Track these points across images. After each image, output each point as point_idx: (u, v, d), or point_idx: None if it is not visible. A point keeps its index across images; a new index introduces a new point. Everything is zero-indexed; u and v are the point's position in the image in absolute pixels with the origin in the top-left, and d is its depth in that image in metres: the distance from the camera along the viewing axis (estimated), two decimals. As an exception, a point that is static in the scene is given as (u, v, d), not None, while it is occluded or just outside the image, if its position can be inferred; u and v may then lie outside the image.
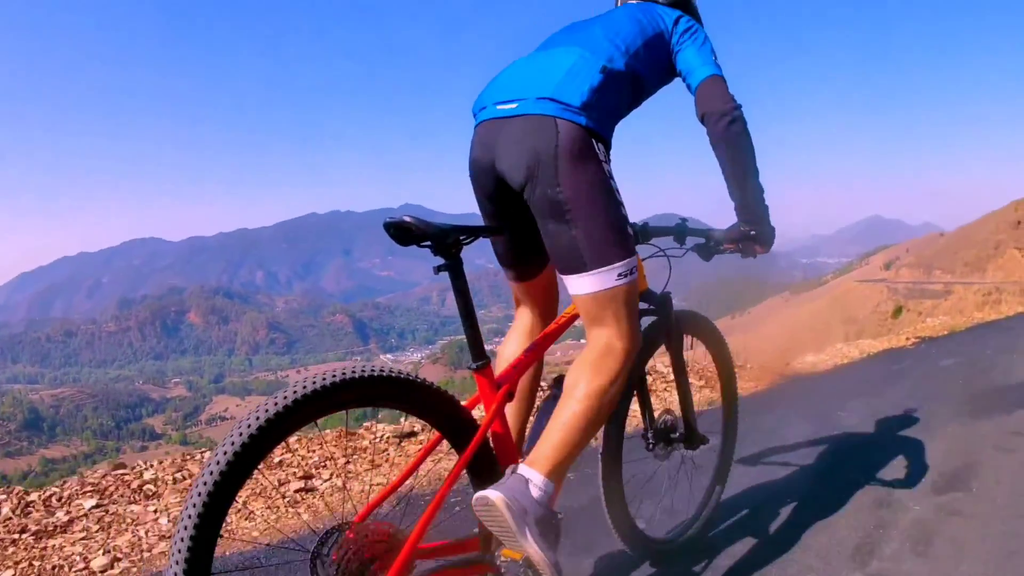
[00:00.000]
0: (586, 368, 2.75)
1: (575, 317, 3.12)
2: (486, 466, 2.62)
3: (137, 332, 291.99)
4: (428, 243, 2.45)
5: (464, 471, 2.57)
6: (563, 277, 2.81)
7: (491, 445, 2.68)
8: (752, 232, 3.08)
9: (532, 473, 2.55)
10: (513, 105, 2.74)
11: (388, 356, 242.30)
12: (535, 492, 2.52)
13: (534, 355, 3.01)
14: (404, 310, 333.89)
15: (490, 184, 2.87)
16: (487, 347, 2.74)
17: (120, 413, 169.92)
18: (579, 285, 2.74)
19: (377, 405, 2.34)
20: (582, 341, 2.96)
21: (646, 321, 3.33)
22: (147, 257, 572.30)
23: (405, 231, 2.41)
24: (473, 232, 2.60)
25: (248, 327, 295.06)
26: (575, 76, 2.71)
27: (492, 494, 2.43)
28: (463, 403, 2.60)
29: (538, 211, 2.72)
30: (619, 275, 2.71)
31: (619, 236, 2.72)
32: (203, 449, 5.87)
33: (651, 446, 3.52)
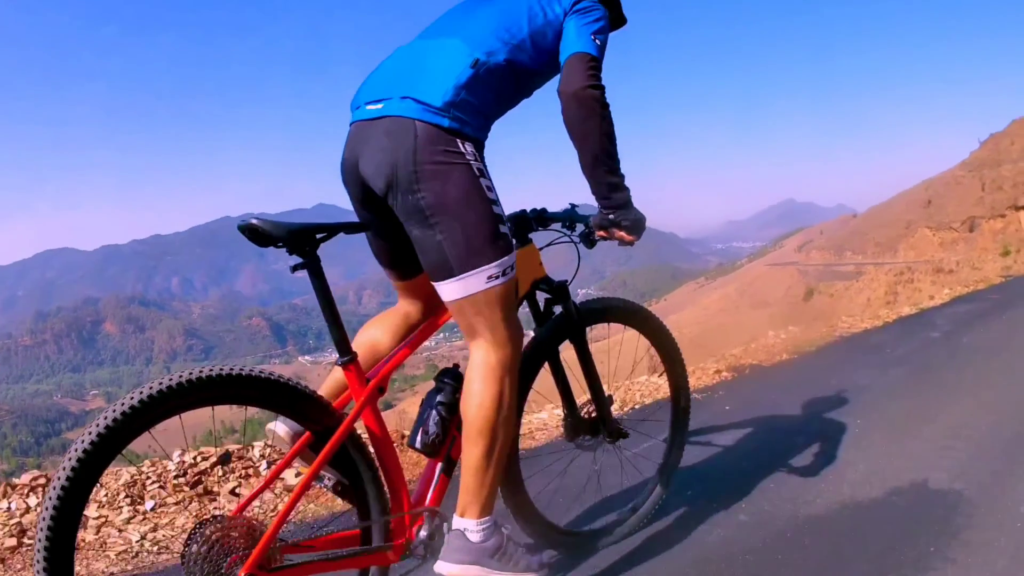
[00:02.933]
0: (471, 394, 2.72)
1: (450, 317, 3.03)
2: (354, 459, 2.62)
3: (54, 345, 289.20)
4: (282, 244, 2.39)
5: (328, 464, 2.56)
6: (434, 284, 2.73)
7: (359, 439, 2.66)
8: (611, 217, 2.92)
9: (466, 523, 2.71)
10: (380, 105, 2.65)
11: (307, 358, 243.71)
12: (476, 536, 2.71)
13: (405, 353, 2.89)
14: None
15: (356, 186, 2.78)
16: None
17: (39, 429, 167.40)
18: (448, 291, 2.68)
19: (237, 403, 2.35)
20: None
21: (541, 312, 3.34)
22: (61, 268, 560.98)
23: (258, 233, 2.34)
24: (330, 229, 2.50)
25: (165, 335, 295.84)
26: (442, 72, 2.62)
27: (442, 569, 2.69)
28: (333, 401, 2.62)
29: (402, 216, 2.64)
30: (489, 278, 2.63)
31: (489, 237, 2.63)
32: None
33: (572, 436, 3.46)
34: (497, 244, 2.64)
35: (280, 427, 2.74)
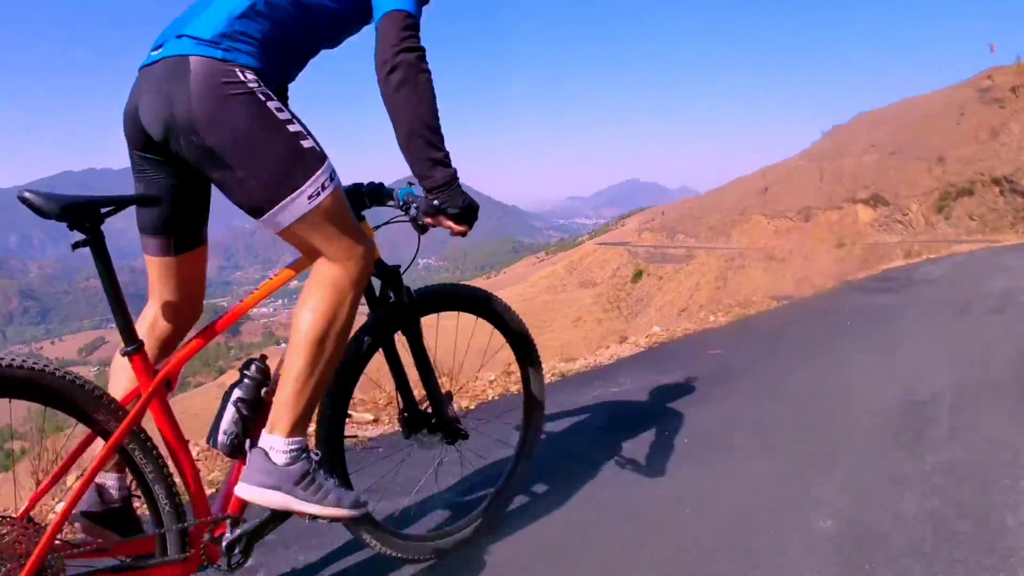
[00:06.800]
0: (305, 305, 2.51)
1: (260, 299, 2.72)
2: (138, 461, 2.41)
3: None
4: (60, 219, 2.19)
5: (112, 462, 2.55)
6: (258, 222, 2.50)
7: (145, 438, 2.41)
8: (436, 203, 2.65)
9: (273, 440, 2.49)
10: (160, 49, 2.44)
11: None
12: (281, 458, 2.48)
13: (199, 344, 2.59)
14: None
15: (137, 136, 2.52)
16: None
17: None
18: (273, 224, 2.44)
19: (8, 396, 2.16)
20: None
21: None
22: None
23: (34, 207, 2.15)
24: (118, 203, 2.34)
25: (0, 296, 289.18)
26: (217, 5, 2.44)
27: (242, 491, 2.47)
28: (119, 395, 2.42)
29: (194, 162, 2.41)
30: (309, 197, 2.43)
31: (293, 157, 2.42)
32: None
33: (409, 432, 3.16)
34: (305, 161, 2.45)
35: None
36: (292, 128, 2.43)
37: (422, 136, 2.54)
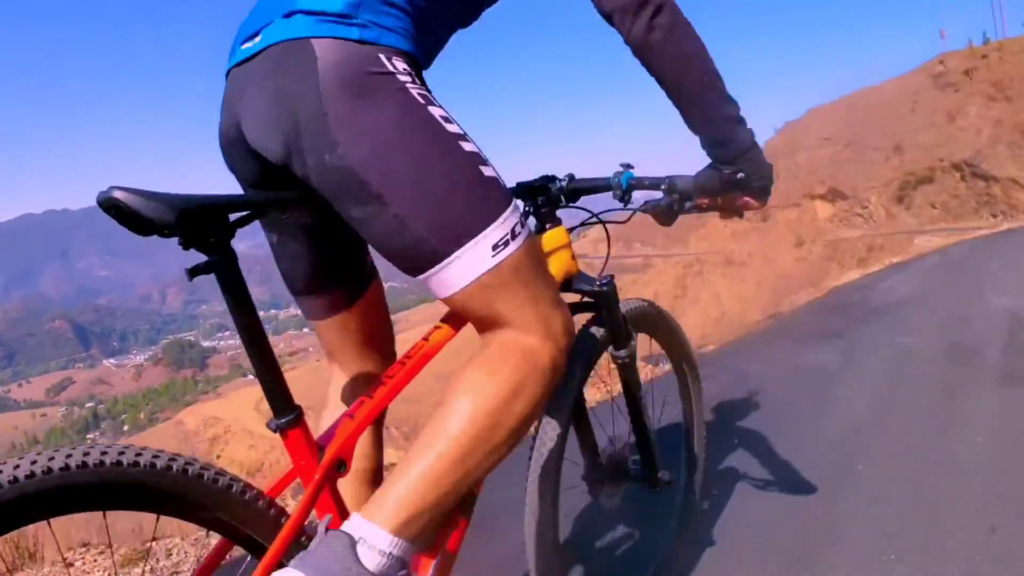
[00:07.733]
0: (479, 370, 1.67)
1: (438, 347, 1.96)
2: None
3: None
4: (171, 231, 1.45)
5: None
6: (418, 281, 1.74)
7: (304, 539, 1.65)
8: (739, 175, 2.02)
9: (367, 528, 1.52)
10: (258, 38, 1.69)
11: (111, 361, 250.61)
12: (372, 558, 1.49)
13: (376, 411, 1.78)
14: (125, 311, 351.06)
15: (246, 163, 1.80)
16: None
17: None
18: (441, 285, 1.68)
19: (115, 508, 1.38)
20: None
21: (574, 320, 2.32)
22: None
23: (126, 215, 1.36)
24: (256, 206, 1.62)
25: None
26: None
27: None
28: (265, 488, 1.66)
29: (326, 192, 1.64)
30: (495, 247, 1.64)
31: (472, 193, 1.64)
32: None
33: (597, 488, 2.55)
34: (488, 197, 1.68)
35: None
36: (467, 147, 1.65)
37: (716, 89, 1.90)
